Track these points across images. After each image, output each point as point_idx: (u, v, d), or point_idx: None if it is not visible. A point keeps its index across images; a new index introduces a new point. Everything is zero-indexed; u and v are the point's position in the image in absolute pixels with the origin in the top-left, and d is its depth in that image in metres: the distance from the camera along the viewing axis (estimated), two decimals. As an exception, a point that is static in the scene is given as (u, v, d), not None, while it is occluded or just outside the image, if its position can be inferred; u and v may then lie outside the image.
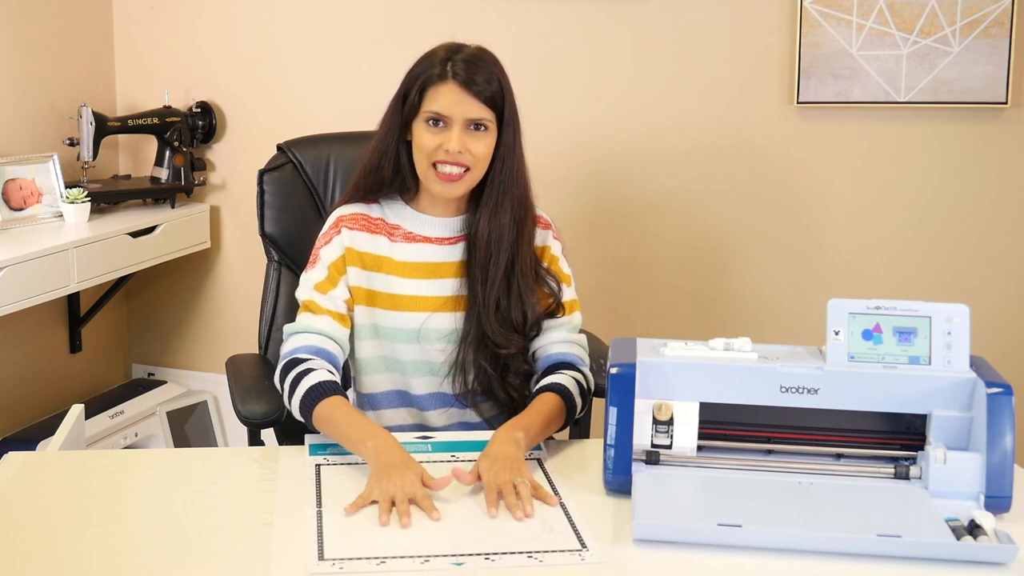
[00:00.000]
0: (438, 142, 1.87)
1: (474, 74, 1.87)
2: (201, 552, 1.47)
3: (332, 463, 1.74)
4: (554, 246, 2.03)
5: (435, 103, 1.88)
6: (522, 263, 1.95)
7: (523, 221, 1.96)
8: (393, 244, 1.97)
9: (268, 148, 2.39)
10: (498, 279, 1.93)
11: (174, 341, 3.70)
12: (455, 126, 1.87)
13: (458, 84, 1.87)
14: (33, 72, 3.28)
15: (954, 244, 2.96)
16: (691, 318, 3.14)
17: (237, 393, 2.06)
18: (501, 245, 1.93)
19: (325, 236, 1.98)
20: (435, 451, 1.80)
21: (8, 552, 1.47)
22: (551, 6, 3.12)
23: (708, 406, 1.66)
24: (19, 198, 3.12)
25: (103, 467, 1.80)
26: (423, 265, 1.96)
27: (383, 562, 1.43)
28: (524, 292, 1.94)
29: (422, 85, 1.89)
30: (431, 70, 1.88)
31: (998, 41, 2.80)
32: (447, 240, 1.98)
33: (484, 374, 1.94)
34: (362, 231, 1.96)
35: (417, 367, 1.97)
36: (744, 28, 2.99)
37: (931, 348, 1.64)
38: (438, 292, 1.96)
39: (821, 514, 1.54)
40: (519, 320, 1.94)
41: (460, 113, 1.87)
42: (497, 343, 1.93)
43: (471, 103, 1.87)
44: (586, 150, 3.16)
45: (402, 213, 1.99)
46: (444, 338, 1.96)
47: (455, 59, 1.88)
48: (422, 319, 1.94)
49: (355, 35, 3.30)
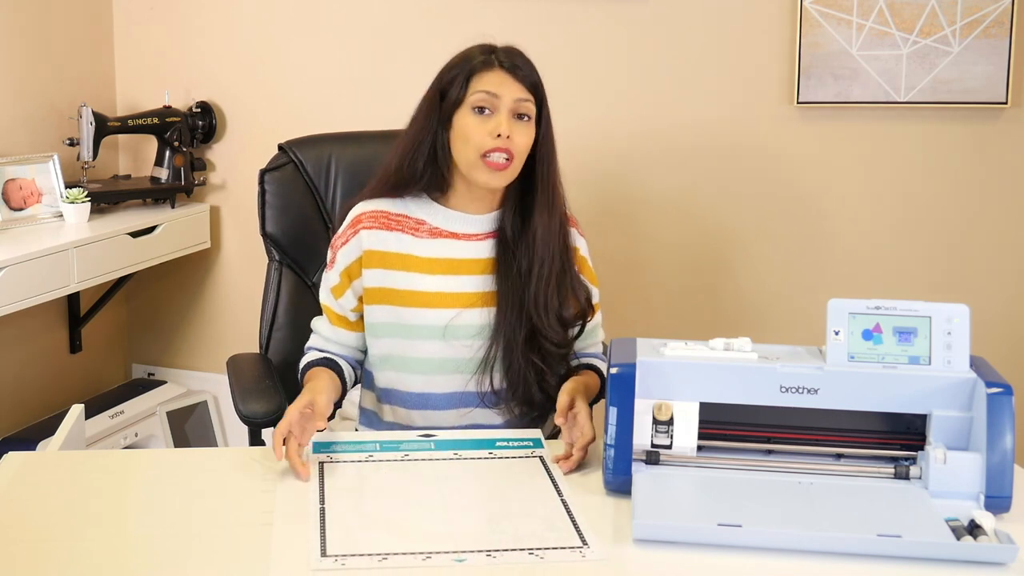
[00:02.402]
0: (487, 129, 1.88)
1: (518, 61, 1.92)
2: (201, 552, 1.47)
3: (335, 460, 1.74)
4: (582, 246, 2.05)
5: (483, 85, 1.90)
6: (569, 262, 1.98)
7: (566, 220, 2.00)
8: (417, 240, 1.96)
9: (268, 148, 2.39)
10: (553, 277, 1.94)
11: (174, 341, 3.70)
12: (503, 110, 1.89)
13: (504, 70, 1.91)
14: (33, 72, 3.28)
15: (954, 244, 2.96)
16: (691, 318, 3.14)
17: (238, 392, 2.06)
18: (554, 243, 1.95)
19: (343, 236, 1.98)
20: (438, 448, 1.80)
21: (8, 552, 1.47)
22: (551, 6, 3.12)
23: (708, 406, 1.66)
24: (19, 198, 3.12)
25: (103, 467, 1.80)
26: (449, 261, 1.96)
27: (385, 558, 1.43)
28: (576, 290, 1.98)
29: (467, 75, 1.91)
30: (473, 61, 1.92)
31: (998, 41, 2.80)
32: (475, 236, 1.97)
33: (520, 371, 1.94)
34: (382, 229, 1.96)
35: (443, 365, 1.96)
36: (744, 28, 2.99)
37: (931, 348, 1.64)
38: (465, 288, 1.95)
39: (821, 514, 1.54)
40: (570, 315, 1.97)
41: (509, 94, 1.90)
42: (555, 342, 1.94)
43: (518, 87, 1.91)
44: (586, 150, 3.16)
45: (429, 209, 1.98)
46: (473, 335, 1.95)
47: (497, 50, 1.93)
48: (450, 316, 1.94)
49: (355, 35, 3.30)
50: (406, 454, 1.77)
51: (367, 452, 1.78)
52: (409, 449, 1.79)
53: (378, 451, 1.78)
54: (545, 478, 1.69)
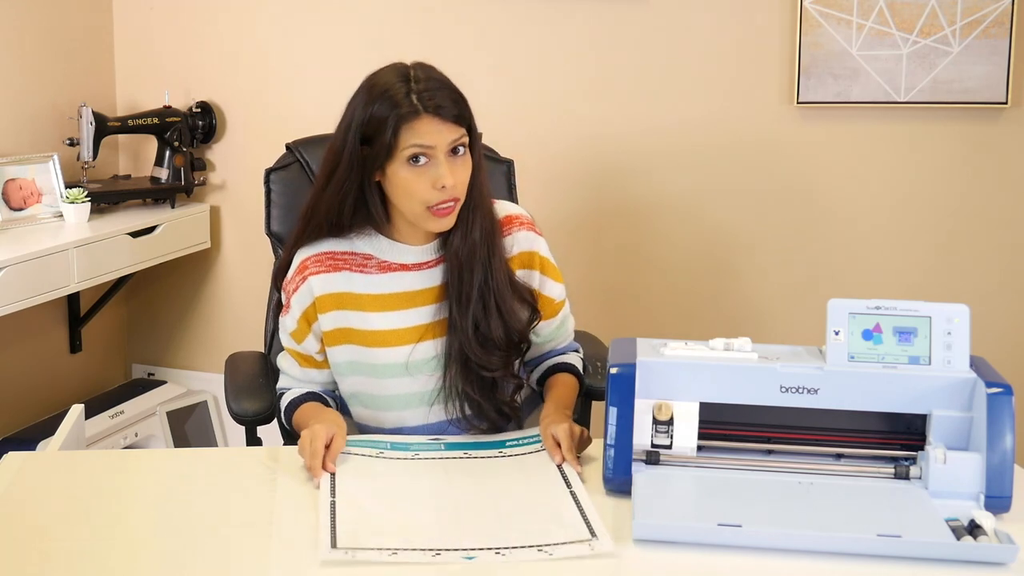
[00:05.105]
0: (427, 181, 1.79)
1: (441, 99, 1.79)
2: (201, 552, 1.47)
3: (346, 454, 1.74)
4: (541, 247, 1.98)
5: (414, 139, 1.78)
6: (497, 278, 1.89)
7: (492, 234, 1.90)
8: (367, 276, 1.90)
9: (268, 148, 2.39)
10: (473, 298, 1.87)
11: (174, 341, 3.70)
12: (440, 156, 1.79)
13: (431, 115, 1.78)
14: (33, 72, 3.28)
15: (954, 244, 2.96)
16: (691, 318, 3.14)
17: (231, 390, 2.07)
18: (474, 262, 1.87)
19: (292, 282, 1.93)
20: (448, 450, 1.80)
21: (8, 552, 1.47)
22: (551, 6, 3.12)
23: (708, 406, 1.66)
24: (19, 198, 3.12)
25: (103, 467, 1.80)
26: (402, 295, 1.91)
27: (395, 553, 1.44)
28: (502, 307, 1.89)
29: (394, 126, 1.78)
30: (398, 109, 1.78)
31: (998, 41, 2.80)
32: (425, 264, 1.91)
33: (471, 399, 1.89)
34: (329, 272, 1.90)
35: (408, 400, 1.92)
36: (744, 28, 2.99)
37: (931, 348, 1.64)
38: (420, 320, 1.90)
39: (821, 514, 1.54)
40: (500, 337, 1.89)
41: (442, 141, 1.79)
42: (481, 365, 1.87)
43: (448, 128, 1.79)
44: (586, 150, 3.16)
45: (375, 242, 1.91)
46: (431, 366, 1.91)
47: (416, 90, 1.79)
48: (408, 351, 1.89)
49: (355, 35, 3.30)
50: (416, 453, 1.78)
51: (378, 449, 1.78)
52: (419, 449, 1.80)
53: (388, 450, 1.79)
54: (554, 470, 1.70)
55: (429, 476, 1.70)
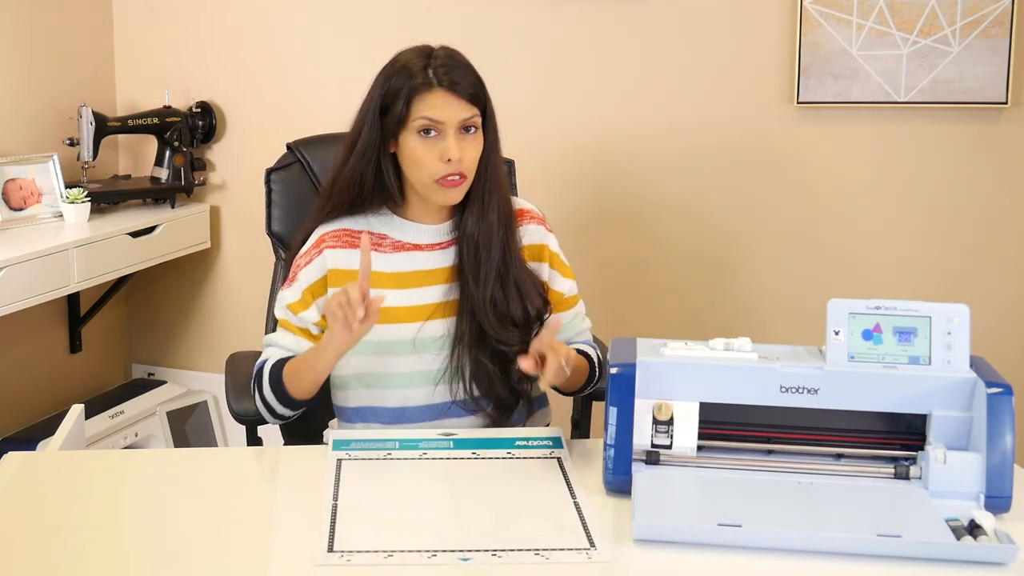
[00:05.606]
0: (436, 154, 1.85)
1: (457, 76, 1.86)
2: (201, 552, 1.47)
3: (354, 458, 1.74)
4: (551, 242, 2.03)
5: (426, 111, 1.85)
6: (515, 259, 1.95)
7: (510, 217, 1.96)
8: (381, 255, 1.93)
9: (268, 148, 2.39)
10: (491, 277, 1.92)
11: (174, 341, 3.70)
12: (449, 132, 1.85)
13: (444, 89, 1.85)
14: (33, 72, 3.28)
15: (954, 244, 2.96)
16: (691, 318, 3.14)
17: (232, 389, 2.07)
18: (492, 243, 1.92)
19: (306, 255, 1.95)
20: (457, 448, 1.80)
21: (8, 552, 1.47)
22: (552, 6, 3.12)
23: (708, 406, 1.66)
24: (19, 198, 3.12)
25: (103, 467, 1.80)
26: (414, 274, 1.94)
27: (390, 555, 1.44)
28: (521, 287, 1.94)
29: (408, 96, 1.85)
30: (412, 80, 1.85)
31: (998, 41, 2.80)
32: (438, 245, 1.96)
33: (484, 373, 1.93)
34: (346, 248, 1.93)
35: (412, 379, 1.94)
36: (744, 28, 2.99)
37: (931, 348, 1.64)
38: (430, 299, 1.94)
39: (821, 514, 1.54)
40: (519, 315, 1.93)
41: (452, 116, 1.85)
42: (499, 339, 1.91)
43: (461, 105, 1.86)
44: (586, 150, 3.17)
45: (389, 222, 1.96)
46: (439, 344, 1.93)
47: (433, 65, 1.86)
48: (416, 328, 1.92)
49: (355, 35, 3.30)
50: (424, 452, 1.77)
51: (386, 450, 1.78)
52: (428, 448, 1.79)
53: (396, 449, 1.78)
54: (560, 480, 1.69)
55: (434, 480, 1.69)
